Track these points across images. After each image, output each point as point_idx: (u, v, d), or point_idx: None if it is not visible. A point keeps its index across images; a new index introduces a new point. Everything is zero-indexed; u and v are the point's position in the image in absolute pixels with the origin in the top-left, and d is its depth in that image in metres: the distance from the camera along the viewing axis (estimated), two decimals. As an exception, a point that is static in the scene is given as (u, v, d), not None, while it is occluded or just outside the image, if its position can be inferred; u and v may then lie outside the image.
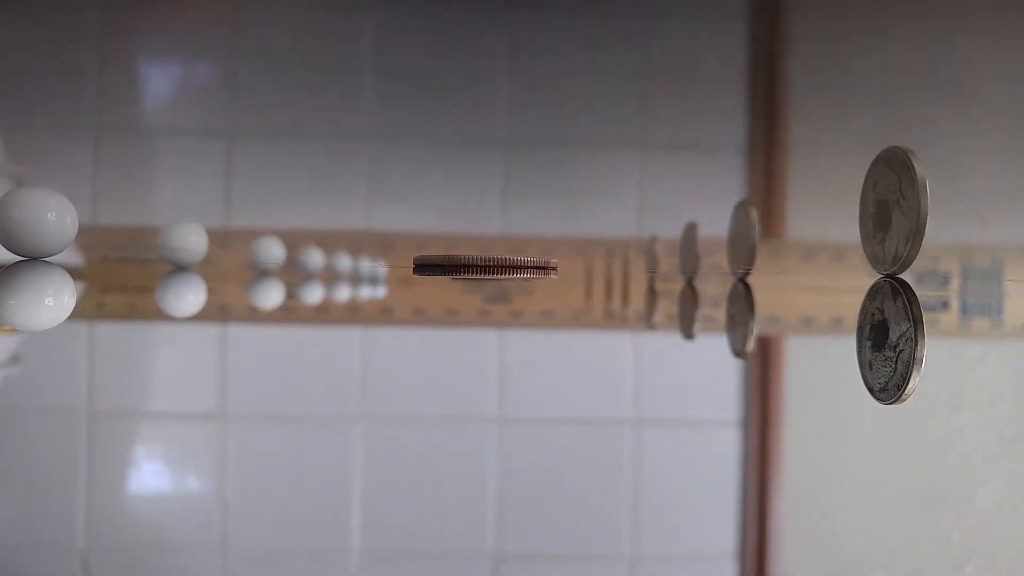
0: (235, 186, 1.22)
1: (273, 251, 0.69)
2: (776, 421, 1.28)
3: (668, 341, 1.31)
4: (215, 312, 1.27)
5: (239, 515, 1.32)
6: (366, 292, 1.08)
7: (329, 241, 1.26)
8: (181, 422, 1.29)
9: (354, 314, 1.27)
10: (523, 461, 1.31)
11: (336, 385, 1.30)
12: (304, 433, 1.30)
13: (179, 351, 1.30)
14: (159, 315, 1.27)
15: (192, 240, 0.47)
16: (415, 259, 0.43)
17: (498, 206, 1.26)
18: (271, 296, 0.71)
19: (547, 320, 1.28)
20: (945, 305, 1.24)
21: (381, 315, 1.27)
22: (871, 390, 0.31)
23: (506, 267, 0.40)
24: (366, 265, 1.11)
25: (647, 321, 0.86)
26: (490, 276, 0.40)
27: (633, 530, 1.31)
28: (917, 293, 1.26)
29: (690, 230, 0.47)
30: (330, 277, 1.00)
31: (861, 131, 1.21)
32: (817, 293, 1.25)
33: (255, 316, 1.27)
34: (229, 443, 1.29)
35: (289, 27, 1.25)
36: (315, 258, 0.88)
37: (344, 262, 1.00)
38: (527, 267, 0.40)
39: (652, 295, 0.86)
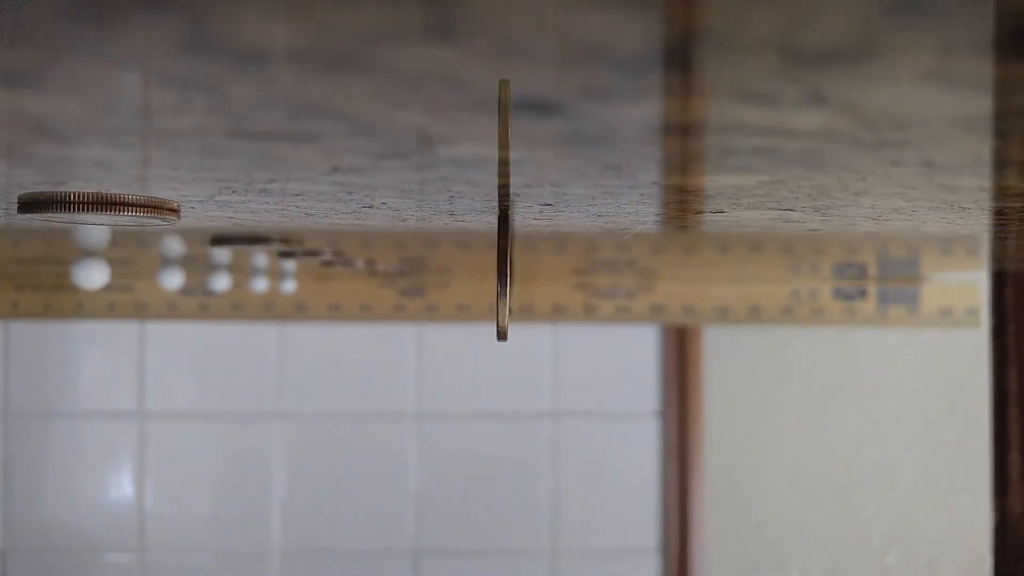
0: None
1: (95, 233, 0.69)
2: (695, 412, 1.27)
3: (586, 332, 1.30)
4: (132, 309, 1.27)
5: (158, 514, 1.32)
6: (260, 285, 1.08)
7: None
8: (99, 421, 1.29)
9: (269, 310, 1.27)
10: (442, 456, 1.30)
11: (254, 382, 1.30)
12: (223, 431, 1.29)
13: (96, 350, 1.30)
14: (76, 313, 1.27)
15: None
16: (19, 197, 0.41)
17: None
18: (94, 276, 0.70)
19: (463, 314, 1.27)
20: (863, 294, 1.23)
21: (296, 311, 1.27)
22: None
23: (114, 204, 0.39)
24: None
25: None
26: (99, 212, 0.39)
27: (553, 524, 1.30)
28: (834, 282, 1.25)
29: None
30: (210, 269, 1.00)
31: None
32: (733, 283, 1.24)
33: (172, 313, 1.27)
34: (148, 441, 1.29)
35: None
36: (173, 246, 0.88)
37: (220, 255, 0.99)
38: (137, 205, 0.39)
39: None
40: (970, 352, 1.29)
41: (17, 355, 1.29)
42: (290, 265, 1.23)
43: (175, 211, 0.44)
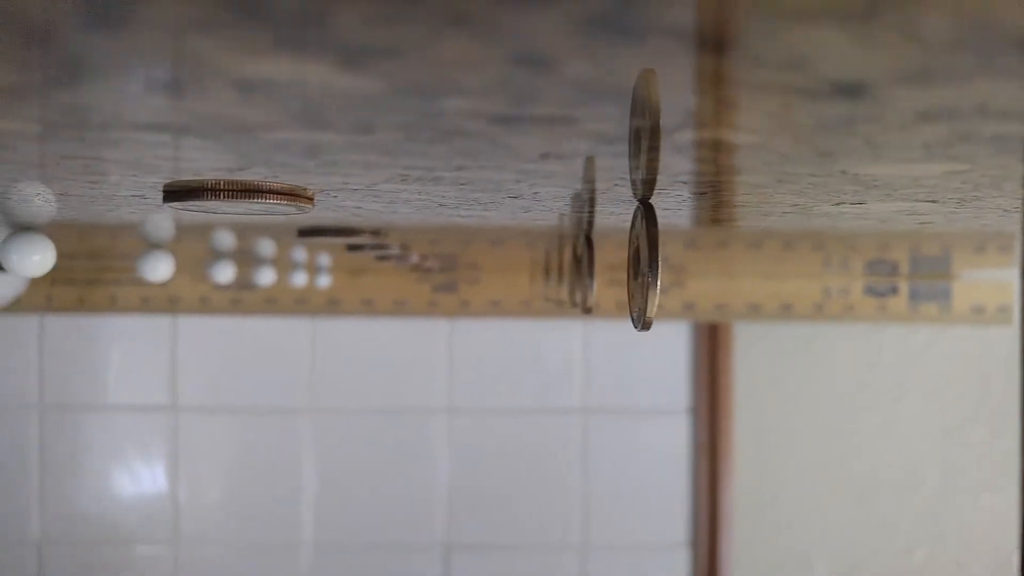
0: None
1: (164, 226, 0.69)
2: (725, 409, 1.28)
3: (617, 329, 1.31)
4: (165, 303, 1.27)
5: (190, 506, 1.32)
6: (299, 279, 1.08)
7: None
8: (132, 414, 1.29)
9: (302, 305, 1.27)
10: (473, 451, 1.31)
11: (287, 376, 1.30)
12: (255, 425, 1.29)
13: (130, 344, 1.30)
14: (109, 308, 1.27)
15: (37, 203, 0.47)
16: (164, 186, 0.42)
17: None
18: (159, 269, 0.71)
19: (495, 309, 1.28)
20: (895, 291, 1.24)
21: (329, 306, 1.27)
22: (632, 321, 0.30)
23: (256, 191, 0.40)
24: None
25: (570, 300, 0.85)
26: (239, 200, 0.40)
27: (583, 520, 1.31)
28: (866, 279, 1.26)
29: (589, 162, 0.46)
30: (255, 262, 1.00)
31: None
32: (764, 279, 1.25)
33: (204, 307, 1.27)
34: (180, 435, 1.29)
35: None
36: (225, 238, 0.88)
37: (266, 247, 0.99)
38: (277, 192, 0.40)
39: (576, 271, 0.85)
40: (1001, 349, 1.30)
41: (52, 349, 1.29)
42: (326, 260, 1.23)
43: (311, 199, 0.45)
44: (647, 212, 0.28)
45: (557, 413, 1.30)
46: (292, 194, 0.43)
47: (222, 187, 0.42)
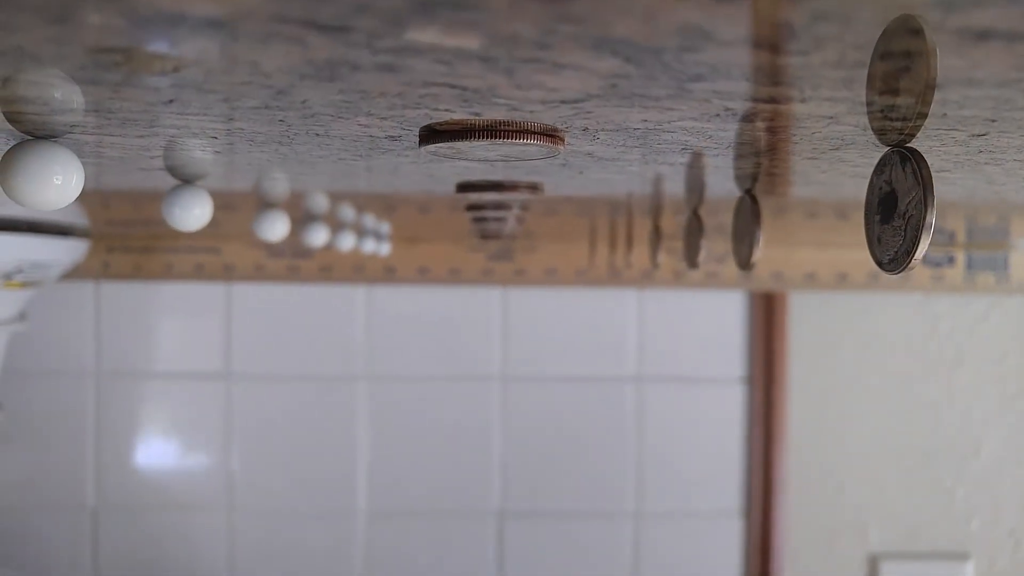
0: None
1: (279, 185, 0.69)
2: (780, 377, 1.28)
3: (672, 297, 1.31)
4: (220, 271, 1.27)
5: (245, 474, 1.32)
6: (370, 246, 1.08)
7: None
8: (187, 382, 1.29)
9: (358, 273, 1.27)
10: (527, 419, 1.31)
11: (341, 344, 1.30)
12: (309, 392, 1.30)
13: (185, 311, 1.30)
14: (165, 275, 1.27)
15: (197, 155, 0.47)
16: (421, 129, 0.41)
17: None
18: (276, 228, 0.71)
19: (550, 278, 1.28)
20: (951, 260, 1.23)
21: (385, 274, 1.27)
22: (880, 263, 0.30)
23: (516, 131, 0.38)
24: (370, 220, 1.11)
25: (652, 260, 0.85)
26: (495, 139, 0.39)
27: (638, 488, 1.31)
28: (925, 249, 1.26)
29: (696, 159, 0.46)
30: (335, 226, 1.00)
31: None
32: (821, 248, 1.25)
33: (259, 275, 1.27)
34: (234, 403, 1.29)
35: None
36: (320, 202, 0.88)
37: (348, 213, 0.99)
38: (535, 132, 0.39)
39: (657, 234, 0.85)
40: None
41: (107, 316, 1.29)
42: (386, 227, 1.23)
43: (563, 140, 0.43)
44: (914, 155, 0.28)
45: (612, 381, 1.30)
46: (549, 134, 0.41)
47: (480, 127, 0.40)
